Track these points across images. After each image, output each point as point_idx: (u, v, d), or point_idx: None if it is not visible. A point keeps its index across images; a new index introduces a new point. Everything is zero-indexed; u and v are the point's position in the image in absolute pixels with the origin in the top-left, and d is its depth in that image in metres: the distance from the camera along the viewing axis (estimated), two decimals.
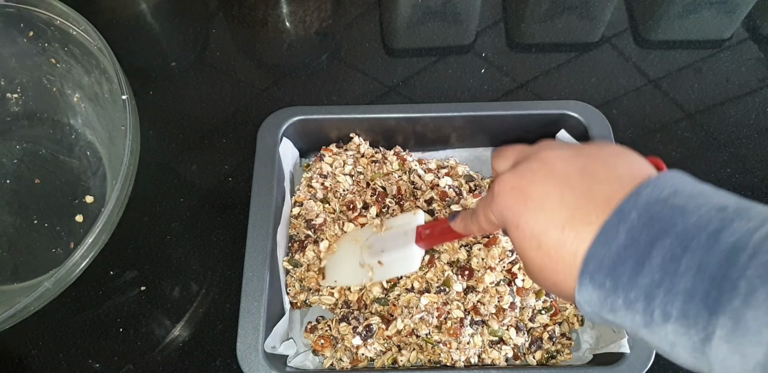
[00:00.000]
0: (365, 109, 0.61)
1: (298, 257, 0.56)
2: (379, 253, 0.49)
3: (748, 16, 0.75)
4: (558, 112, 0.59)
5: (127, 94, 0.51)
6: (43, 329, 0.58)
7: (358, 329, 0.52)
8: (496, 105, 0.61)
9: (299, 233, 0.58)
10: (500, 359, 0.51)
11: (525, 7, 0.77)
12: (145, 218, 0.64)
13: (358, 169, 0.61)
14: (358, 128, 0.62)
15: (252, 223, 0.54)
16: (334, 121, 0.61)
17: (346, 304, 0.54)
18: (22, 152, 0.65)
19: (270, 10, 0.79)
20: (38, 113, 0.66)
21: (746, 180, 0.63)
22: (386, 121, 0.60)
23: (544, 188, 0.30)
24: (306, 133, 0.61)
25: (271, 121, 0.59)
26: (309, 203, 0.58)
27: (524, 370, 0.49)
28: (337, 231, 0.57)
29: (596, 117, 0.58)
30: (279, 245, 0.55)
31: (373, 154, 0.62)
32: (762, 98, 0.69)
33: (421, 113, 0.60)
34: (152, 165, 0.68)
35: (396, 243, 0.48)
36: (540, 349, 0.52)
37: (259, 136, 0.59)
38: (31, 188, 0.63)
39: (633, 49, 0.73)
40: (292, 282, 0.56)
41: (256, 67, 0.76)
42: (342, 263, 0.53)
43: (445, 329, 0.51)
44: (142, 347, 0.57)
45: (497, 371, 0.49)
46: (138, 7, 0.80)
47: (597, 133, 0.58)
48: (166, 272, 0.61)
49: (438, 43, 0.75)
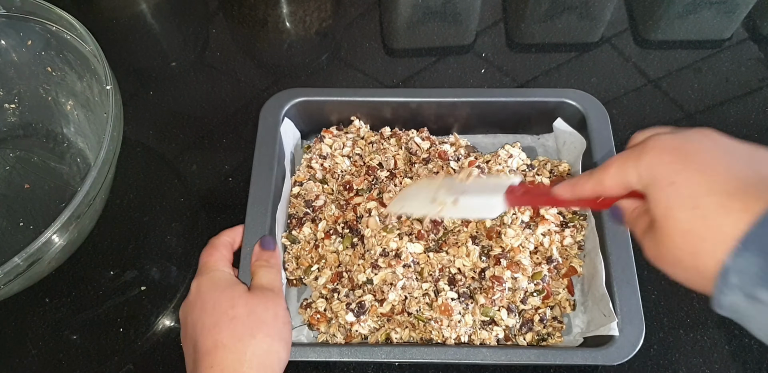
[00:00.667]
0: (366, 92, 0.61)
1: (295, 233, 0.57)
2: (459, 193, 0.47)
3: (748, 16, 0.75)
4: (557, 100, 0.59)
5: (111, 85, 0.52)
6: (43, 329, 0.58)
7: (351, 306, 0.52)
8: (496, 91, 0.61)
9: (298, 211, 0.59)
10: (491, 339, 0.52)
11: (525, 7, 0.77)
12: (145, 218, 0.64)
13: (356, 151, 0.62)
14: (358, 112, 0.62)
15: (252, 200, 0.55)
16: (335, 103, 0.61)
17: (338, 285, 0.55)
18: (15, 160, 0.65)
19: (270, 10, 0.79)
20: (33, 123, 0.66)
21: None
22: (387, 106, 0.61)
23: (710, 154, 0.29)
24: (308, 115, 0.62)
25: (273, 101, 0.60)
26: (309, 184, 0.59)
27: (515, 349, 0.50)
28: (335, 212, 0.57)
29: (594, 106, 0.59)
30: (278, 222, 0.56)
31: (371, 136, 0.63)
32: (762, 98, 0.69)
33: (422, 98, 0.60)
34: (152, 165, 0.68)
35: (481, 190, 0.46)
36: (531, 331, 0.53)
37: (262, 116, 0.59)
38: (20, 193, 0.63)
39: (633, 49, 0.73)
40: (290, 259, 0.57)
41: (256, 67, 0.76)
42: (414, 194, 0.52)
43: (437, 306, 0.51)
44: (142, 347, 0.57)
45: (488, 349, 0.49)
46: (138, 7, 0.80)
47: (595, 122, 0.58)
48: (166, 272, 0.61)
49: (438, 43, 0.75)
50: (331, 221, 0.57)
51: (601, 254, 0.52)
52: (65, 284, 0.60)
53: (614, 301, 0.50)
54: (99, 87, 0.57)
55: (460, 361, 0.49)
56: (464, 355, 0.49)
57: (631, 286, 0.50)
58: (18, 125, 0.67)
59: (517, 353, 0.49)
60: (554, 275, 0.55)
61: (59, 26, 0.57)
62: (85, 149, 0.65)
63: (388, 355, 0.49)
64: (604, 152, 0.56)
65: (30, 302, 0.59)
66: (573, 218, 0.57)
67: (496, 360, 0.49)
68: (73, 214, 0.46)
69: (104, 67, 0.53)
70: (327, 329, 0.54)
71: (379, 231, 0.54)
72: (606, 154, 0.56)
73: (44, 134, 0.66)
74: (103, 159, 0.48)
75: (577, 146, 0.59)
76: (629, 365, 0.52)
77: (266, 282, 0.48)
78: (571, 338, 0.53)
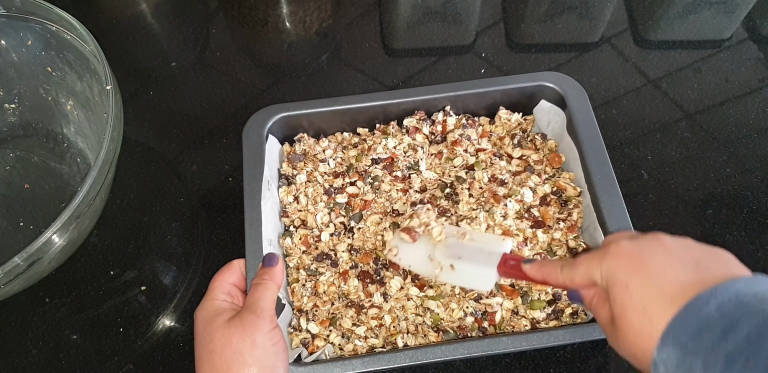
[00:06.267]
0: (346, 100, 0.61)
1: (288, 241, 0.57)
2: (455, 258, 0.49)
3: (748, 16, 0.75)
4: (534, 84, 0.60)
5: (111, 85, 0.52)
6: (43, 329, 0.58)
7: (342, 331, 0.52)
8: (474, 83, 0.61)
9: (292, 223, 0.58)
10: (518, 324, 0.52)
11: (525, 7, 0.77)
12: (145, 218, 0.64)
13: (339, 154, 0.62)
14: (341, 119, 0.62)
15: (248, 224, 0.53)
16: (316, 114, 0.61)
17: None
18: (15, 160, 0.65)
19: (270, 10, 0.79)
20: (33, 123, 0.66)
21: (746, 180, 0.63)
22: (369, 110, 0.61)
23: (661, 260, 0.34)
24: (291, 128, 0.62)
25: (254, 121, 0.59)
26: (289, 198, 0.59)
27: (537, 333, 0.49)
28: (323, 219, 0.57)
29: (571, 85, 0.60)
30: (272, 240, 0.55)
31: (351, 138, 0.63)
32: (762, 98, 0.69)
33: (402, 98, 0.60)
34: (152, 165, 0.68)
35: (477, 257, 0.48)
36: (557, 320, 0.53)
37: (245, 136, 0.58)
38: (20, 193, 0.63)
39: (633, 49, 0.73)
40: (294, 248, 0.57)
41: (256, 67, 0.76)
42: (414, 249, 0.52)
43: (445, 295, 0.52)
44: (142, 347, 0.57)
45: (509, 337, 0.49)
46: (138, 7, 0.80)
47: (574, 101, 0.59)
48: (166, 272, 0.61)
49: (438, 43, 0.75)
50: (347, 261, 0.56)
51: (600, 229, 0.53)
52: (65, 284, 0.60)
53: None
54: (99, 87, 0.57)
55: (485, 352, 0.49)
56: (487, 346, 0.49)
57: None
58: (18, 125, 0.67)
59: (541, 336, 0.49)
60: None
61: (59, 26, 0.57)
62: (85, 149, 0.65)
63: (412, 358, 0.48)
64: (587, 127, 0.57)
65: (30, 302, 0.59)
66: (570, 198, 0.57)
67: (519, 347, 0.49)
68: (73, 214, 0.46)
69: (104, 67, 0.53)
70: (325, 342, 0.53)
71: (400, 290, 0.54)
72: (589, 129, 0.57)
73: (44, 134, 0.66)
74: (103, 159, 0.48)
75: (560, 122, 0.60)
76: None
77: (252, 302, 0.47)
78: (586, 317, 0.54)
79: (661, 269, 0.34)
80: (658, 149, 0.66)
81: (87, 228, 0.54)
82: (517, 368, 0.54)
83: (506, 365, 0.54)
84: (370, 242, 0.56)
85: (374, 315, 0.53)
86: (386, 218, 0.57)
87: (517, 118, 0.62)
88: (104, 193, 0.53)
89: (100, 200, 0.52)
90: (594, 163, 0.55)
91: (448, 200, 0.58)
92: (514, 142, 0.61)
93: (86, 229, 0.54)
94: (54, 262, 0.52)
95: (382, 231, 0.56)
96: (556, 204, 0.57)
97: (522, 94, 0.61)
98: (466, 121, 0.62)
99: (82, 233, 0.53)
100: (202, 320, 0.46)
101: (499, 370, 0.54)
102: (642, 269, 0.34)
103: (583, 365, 0.54)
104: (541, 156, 0.60)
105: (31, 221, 0.62)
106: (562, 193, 0.57)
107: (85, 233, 0.54)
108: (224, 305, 0.48)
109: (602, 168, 0.55)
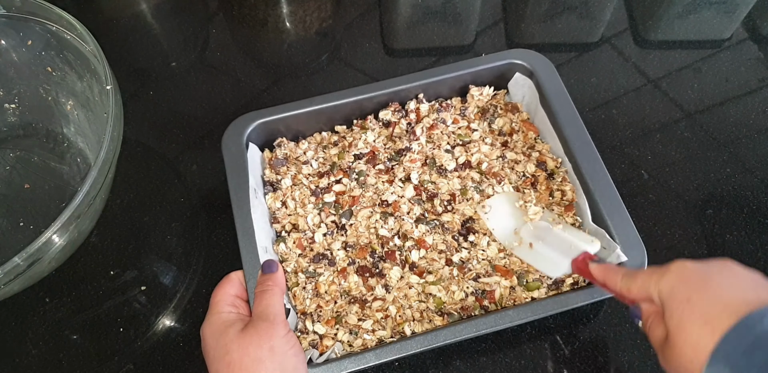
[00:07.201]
0: (320, 99, 0.60)
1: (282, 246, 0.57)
2: (539, 239, 0.52)
3: (748, 16, 0.75)
4: (503, 62, 0.61)
5: (111, 85, 0.52)
6: (43, 329, 0.58)
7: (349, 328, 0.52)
8: (444, 69, 0.61)
9: (284, 228, 0.58)
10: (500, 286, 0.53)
11: (525, 7, 0.77)
12: (145, 218, 0.64)
13: (320, 154, 0.62)
14: (317, 119, 0.62)
15: (241, 235, 0.53)
16: (292, 117, 0.60)
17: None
18: (15, 160, 0.65)
19: (270, 10, 0.79)
20: (33, 123, 0.66)
21: (746, 180, 0.63)
22: (344, 107, 0.61)
23: (728, 280, 0.35)
24: (269, 134, 0.61)
25: (232, 130, 0.59)
26: (277, 203, 0.59)
27: (538, 303, 0.50)
28: (314, 220, 0.57)
29: (539, 61, 0.61)
30: (267, 248, 0.55)
31: (330, 137, 0.63)
32: (762, 98, 0.69)
33: (375, 92, 0.60)
34: (152, 165, 0.68)
35: (559, 245, 0.51)
36: (557, 290, 0.53)
37: (224, 146, 0.58)
38: (20, 193, 0.63)
39: (633, 49, 0.73)
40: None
41: (256, 67, 0.76)
42: (505, 216, 0.55)
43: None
44: (142, 347, 0.57)
45: (514, 310, 0.49)
46: (138, 7, 0.80)
47: (542, 73, 0.60)
48: (166, 272, 0.61)
49: (438, 43, 0.75)
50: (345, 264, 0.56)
51: (584, 195, 0.54)
52: (65, 284, 0.60)
53: (610, 233, 0.51)
54: (99, 87, 0.57)
55: (493, 328, 0.49)
56: (493, 321, 0.49)
57: (621, 214, 0.52)
58: (18, 125, 0.67)
59: (543, 305, 0.50)
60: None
61: (59, 26, 0.57)
62: (85, 149, 0.65)
63: (422, 344, 0.49)
64: (558, 97, 0.58)
65: (30, 302, 0.59)
66: (555, 170, 0.58)
67: (524, 318, 0.49)
68: (73, 214, 0.46)
69: (104, 67, 0.53)
70: (334, 341, 0.53)
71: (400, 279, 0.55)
72: (561, 99, 0.58)
73: (44, 134, 0.66)
74: (103, 159, 0.48)
75: (533, 95, 0.61)
76: None
77: (261, 310, 0.47)
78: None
79: (728, 286, 0.34)
80: (658, 149, 0.66)
81: (87, 228, 0.54)
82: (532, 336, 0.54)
83: (520, 337, 0.54)
84: (364, 237, 0.56)
85: (379, 307, 0.53)
86: (376, 210, 0.57)
87: (488, 91, 0.63)
88: (104, 193, 0.53)
89: (100, 200, 0.52)
90: (571, 132, 0.56)
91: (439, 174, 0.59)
92: (490, 114, 0.62)
93: (86, 229, 0.54)
94: (54, 262, 0.52)
95: (374, 224, 0.57)
96: (545, 181, 0.58)
97: (492, 74, 0.62)
98: (440, 105, 0.62)
99: (82, 233, 0.53)
100: (211, 334, 0.46)
101: (505, 344, 0.54)
102: (707, 285, 0.34)
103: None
104: (516, 126, 0.61)
105: (31, 221, 0.62)
106: (545, 165, 0.58)
107: (85, 233, 0.54)
108: (231, 317, 0.47)
109: (579, 135, 0.56)
